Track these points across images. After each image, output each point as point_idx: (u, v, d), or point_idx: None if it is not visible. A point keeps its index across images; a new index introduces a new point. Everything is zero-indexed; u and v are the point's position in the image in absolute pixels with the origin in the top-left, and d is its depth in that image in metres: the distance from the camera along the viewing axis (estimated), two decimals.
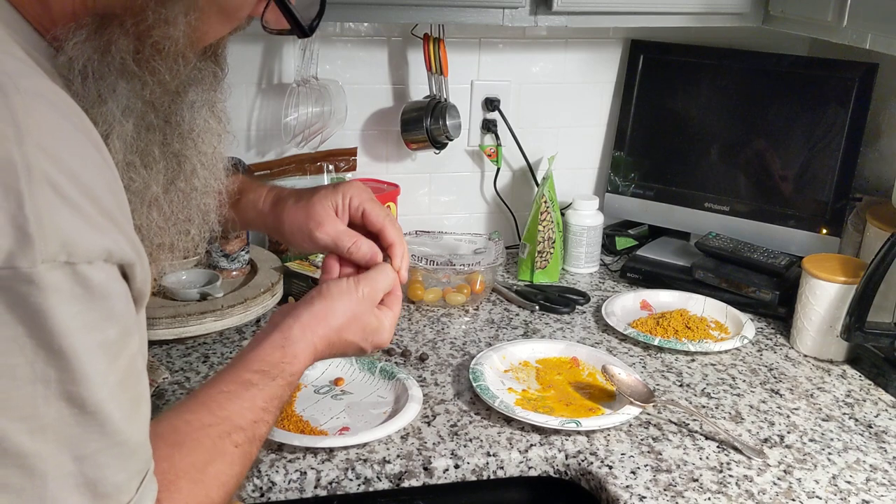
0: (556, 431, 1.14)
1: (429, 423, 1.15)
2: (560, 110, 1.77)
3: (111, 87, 0.63)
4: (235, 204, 0.97)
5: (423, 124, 1.57)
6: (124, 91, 0.64)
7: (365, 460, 1.07)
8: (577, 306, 1.54)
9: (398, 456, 1.08)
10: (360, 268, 0.95)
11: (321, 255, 1.54)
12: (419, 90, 1.65)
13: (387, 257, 0.96)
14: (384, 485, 1.06)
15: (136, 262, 0.59)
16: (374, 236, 0.96)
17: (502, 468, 1.10)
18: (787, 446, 1.14)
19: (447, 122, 1.58)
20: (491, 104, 1.70)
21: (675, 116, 1.74)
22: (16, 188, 0.51)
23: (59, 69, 0.61)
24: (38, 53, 0.61)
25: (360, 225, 0.97)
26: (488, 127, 1.72)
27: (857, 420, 1.21)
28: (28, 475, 0.54)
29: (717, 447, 1.13)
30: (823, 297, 1.35)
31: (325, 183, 1.64)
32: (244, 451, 0.76)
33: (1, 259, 0.50)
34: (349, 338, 0.90)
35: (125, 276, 0.58)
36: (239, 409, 0.77)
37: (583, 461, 1.10)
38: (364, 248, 0.94)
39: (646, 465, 1.08)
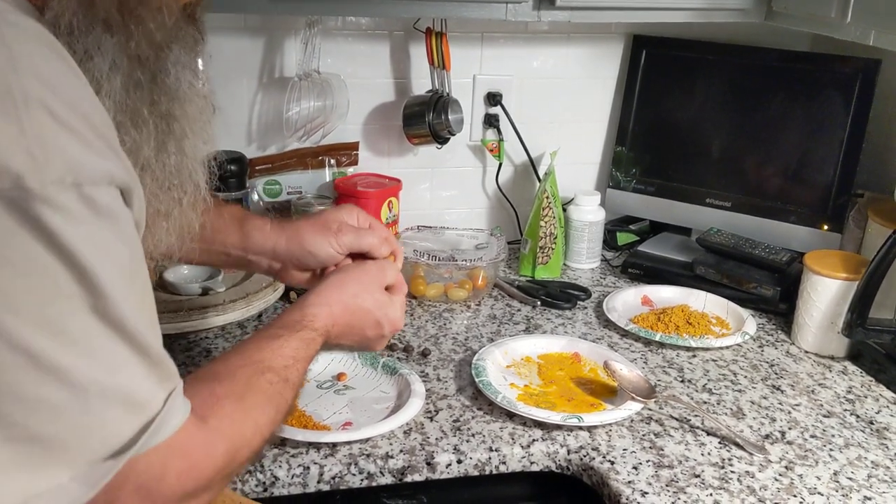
0: (559, 427, 1.14)
1: (431, 419, 1.16)
2: (562, 105, 1.77)
3: (97, 42, 0.63)
4: (239, 230, 1.05)
5: (426, 119, 1.57)
6: (110, 46, 0.64)
7: (368, 455, 1.07)
8: (579, 301, 1.54)
9: (401, 451, 1.08)
10: None
11: None
12: (421, 84, 1.65)
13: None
14: (387, 480, 1.07)
15: (133, 188, 0.61)
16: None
17: (504, 463, 1.10)
18: (789, 442, 1.14)
19: (449, 117, 1.58)
20: (493, 99, 1.70)
21: (676, 112, 1.74)
22: (16, 114, 0.52)
23: (45, 27, 0.61)
24: (26, 14, 0.61)
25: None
26: (490, 122, 1.72)
27: (858, 416, 1.21)
28: (69, 389, 0.56)
29: (719, 443, 1.13)
30: (825, 294, 1.35)
31: (327, 177, 1.64)
32: (278, 390, 0.80)
33: (11, 181, 0.52)
34: (364, 304, 0.98)
35: (126, 201, 0.61)
36: (270, 354, 0.83)
37: (585, 456, 1.10)
38: (383, 249, 1.09)
39: (648, 461, 1.08)
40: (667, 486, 1.04)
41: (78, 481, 0.58)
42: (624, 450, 1.11)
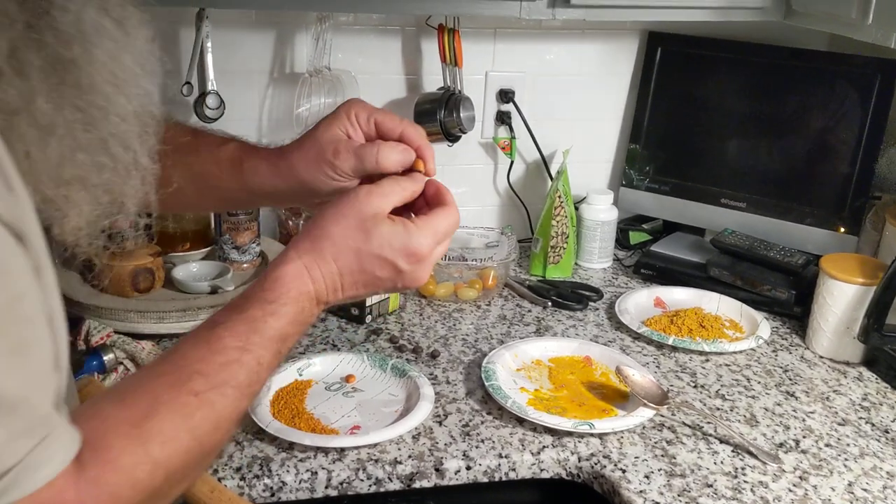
0: (569, 433, 1.13)
1: (440, 423, 1.14)
2: (575, 102, 1.75)
3: None
4: (238, 174, 0.86)
5: (437, 116, 1.55)
6: None
7: (376, 460, 1.06)
8: (590, 303, 1.53)
9: (409, 456, 1.07)
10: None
11: None
12: (433, 81, 1.63)
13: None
14: (395, 485, 1.06)
15: (27, 230, 0.55)
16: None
17: (514, 470, 1.09)
18: (803, 451, 1.12)
19: (461, 115, 1.56)
20: (505, 96, 1.68)
21: (691, 110, 1.71)
22: None
23: None
24: None
25: (377, 139, 0.83)
26: (502, 119, 1.70)
27: (873, 425, 1.20)
28: None
29: (732, 451, 1.11)
30: (841, 298, 1.33)
31: None
32: (208, 399, 0.65)
33: None
34: (350, 243, 0.74)
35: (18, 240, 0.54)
36: (202, 353, 0.67)
37: (596, 464, 1.09)
38: (393, 154, 0.79)
39: (659, 469, 1.07)
40: (679, 495, 1.02)
41: None
42: (636, 457, 1.09)
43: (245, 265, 1.45)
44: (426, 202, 0.81)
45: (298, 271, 0.73)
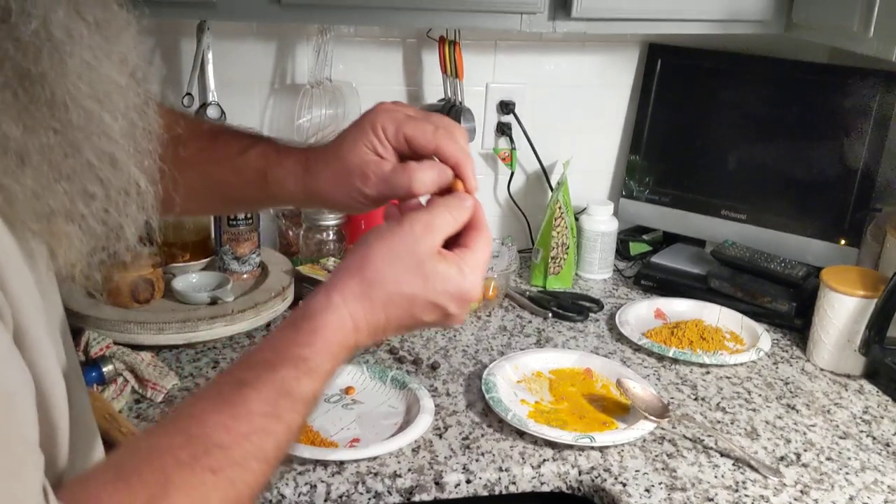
0: (570, 446, 1.12)
1: (440, 436, 1.14)
2: (576, 113, 1.75)
3: None
4: (262, 183, 0.78)
5: None
6: None
7: (376, 474, 1.06)
8: (591, 314, 1.53)
9: (409, 470, 1.07)
10: None
11: (332, 259, 1.52)
12: (433, 92, 1.63)
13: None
14: (395, 499, 1.05)
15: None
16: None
17: (514, 483, 1.09)
18: (804, 465, 1.12)
19: (462, 126, 1.56)
20: (506, 107, 1.69)
21: (692, 121, 1.71)
22: None
23: None
24: None
25: (410, 154, 0.73)
26: (503, 130, 1.70)
27: (874, 438, 1.19)
28: None
29: (733, 465, 1.11)
30: (842, 311, 1.33)
31: None
32: (227, 477, 0.56)
33: None
34: (405, 289, 0.65)
35: None
36: (223, 420, 0.57)
37: (596, 477, 1.08)
38: (426, 176, 0.70)
39: (660, 483, 1.07)
40: None
41: None
42: (636, 471, 1.09)
43: (245, 276, 1.45)
44: None
45: (342, 322, 0.64)
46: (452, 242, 0.69)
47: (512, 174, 1.74)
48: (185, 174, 0.68)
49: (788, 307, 1.48)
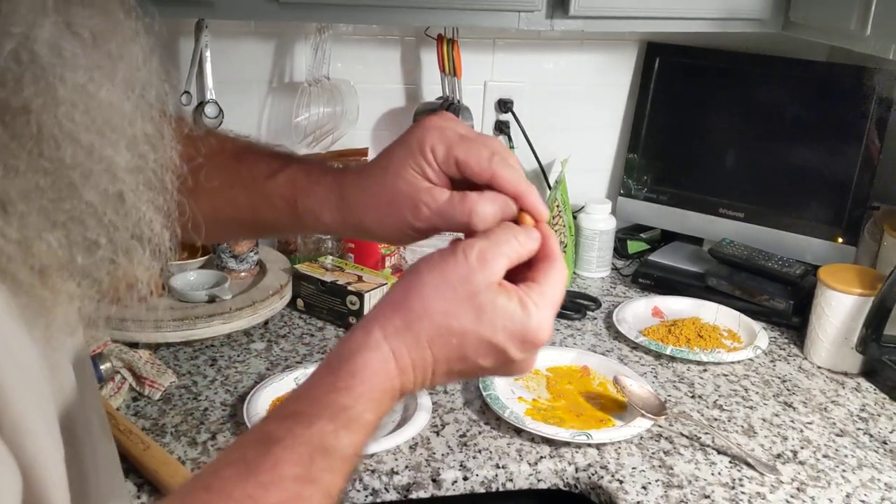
0: (567, 444, 1.12)
1: (437, 433, 1.14)
2: (574, 112, 1.75)
3: None
4: (292, 214, 0.69)
5: None
6: None
7: (373, 471, 1.06)
8: (588, 312, 1.53)
9: (406, 467, 1.07)
10: None
11: (330, 257, 1.53)
12: (432, 90, 1.63)
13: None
14: (392, 496, 1.05)
15: None
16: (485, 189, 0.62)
17: (511, 480, 1.09)
18: (801, 462, 1.12)
19: None
20: (504, 106, 1.69)
21: (690, 119, 1.72)
22: None
23: None
24: None
25: (459, 179, 0.63)
26: (501, 128, 1.70)
27: (871, 436, 1.19)
28: None
29: (730, 462, 1.11)
30: (839, 309, 1.33)
31: None
32: None
33: None
34: (454, 324, 0.55)
35: None
36: (248, 491, 0.49)
37: (593, 475, 1.08)
38: (489, 209, 0.61)
39: (657, 480, 1.07)
40: None
41: None
42: (633, 468, 1.09)
43: (243, 274, 1.45)
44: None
45: (383, 362, 0.55)
46: (519, 276, 0.59)
47: None
48: (207, 202, 0.63)
49: (786, 305, 1.48)
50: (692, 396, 1.27)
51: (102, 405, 0.66)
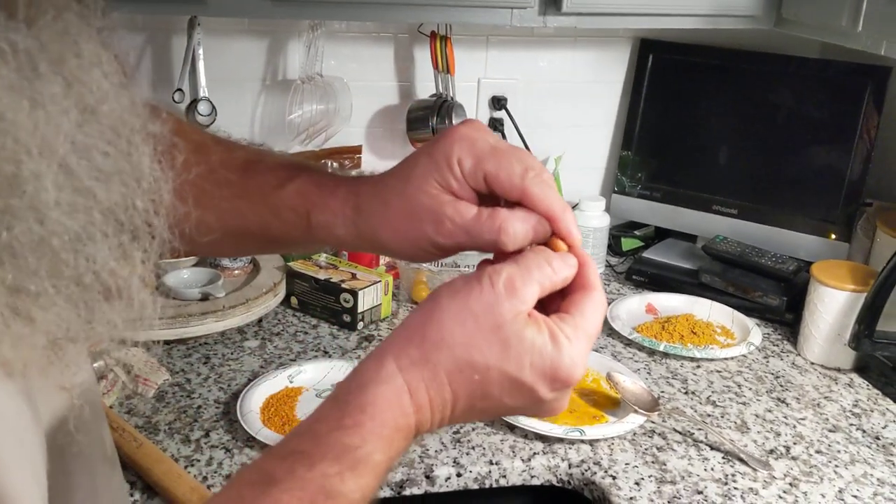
0: (560, 440, 1.13)
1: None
2: (567, 109, 1.75)
3: None
4: (304, 229, 0.63)
5: (429, 123, 1.56)
6: None
7: None
8: None
9: (400, 463, 1.07)
10: None
11: (324, 255, 1.52)
12: (425, 88, 1.63)
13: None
14: (385, 492, 1.05)
15: None
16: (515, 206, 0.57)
17: (504, 476, 1.09)
18: (794, 458, 1.12)
19: (453, 122, 1.56)
20: (498, 103, 1.69)
21: (683, 116, 1.72)
22: None
23: None
24: None
25: (490, 194, 0.57)
26: (495, 126, 1.70)
27: (864, 431, 1.20)
28: None
29: (723, 458, 1.11)
30: (832, 305, 1.33)
31: None
32: None
33: None
34: (477, 357, 0.50)
35: None
36: None
37: (586, 471, 1.09)
38: (519, 228, 0.55)
39: (650, 476, 1.07)
40: (669, 502, 1.02)
41: None
42: (626, 464, 1.09)
43: (236, 272, 1.45)
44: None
45: (397, 396, 0.50)
46: (551, 307, 0.54)
47: None
48: (214, 215, 0.60)
49: (779, 301, 1.49)
50: (685, 392, 1.27)
51: (108, 427, 0.61)
